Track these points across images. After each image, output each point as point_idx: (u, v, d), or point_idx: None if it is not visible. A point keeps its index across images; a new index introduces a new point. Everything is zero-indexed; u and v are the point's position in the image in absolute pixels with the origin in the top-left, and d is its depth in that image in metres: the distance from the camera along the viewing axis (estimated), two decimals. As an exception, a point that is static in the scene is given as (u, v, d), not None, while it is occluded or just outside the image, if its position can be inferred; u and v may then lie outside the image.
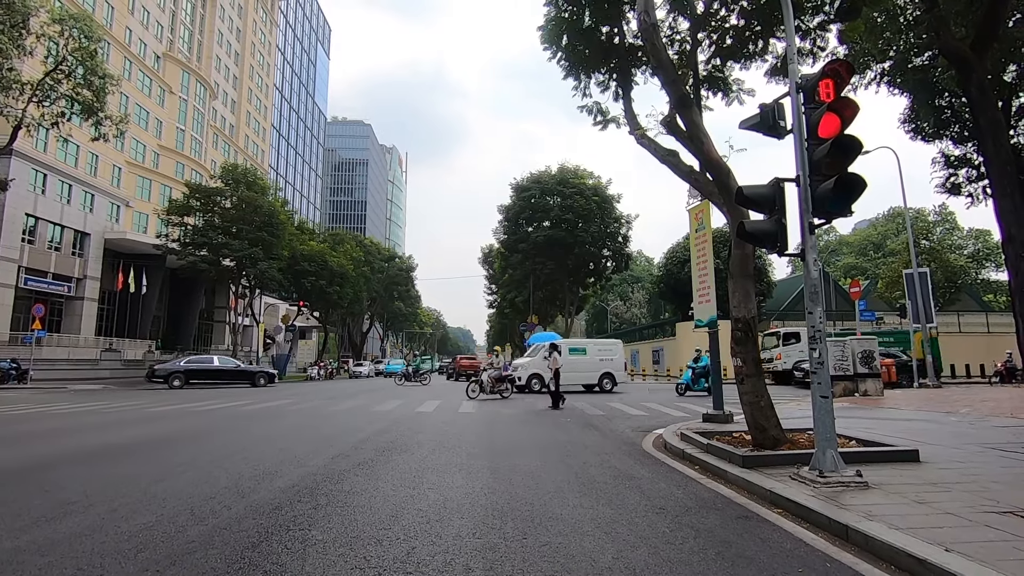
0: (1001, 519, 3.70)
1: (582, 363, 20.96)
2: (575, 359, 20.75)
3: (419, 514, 4.14)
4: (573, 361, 20.42)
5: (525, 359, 21.90)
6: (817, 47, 9.01)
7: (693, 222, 10.50)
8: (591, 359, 21.24)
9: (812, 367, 4.97)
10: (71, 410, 13.51)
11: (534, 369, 20.47)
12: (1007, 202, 11.49)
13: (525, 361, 21.46)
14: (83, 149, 35.96)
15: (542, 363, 19.41)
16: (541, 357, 19.86)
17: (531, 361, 21.06)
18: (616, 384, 21.45)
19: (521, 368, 20.76)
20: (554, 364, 14.37)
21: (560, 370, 16.42)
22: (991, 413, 10.54)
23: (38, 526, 3.83)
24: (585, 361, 21.11)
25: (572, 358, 20.43)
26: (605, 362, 21.48)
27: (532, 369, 20.55)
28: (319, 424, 10.23)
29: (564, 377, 19.65)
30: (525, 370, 20.56)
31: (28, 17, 20.14)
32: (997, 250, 51.09)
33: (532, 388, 20.16)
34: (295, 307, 46.39)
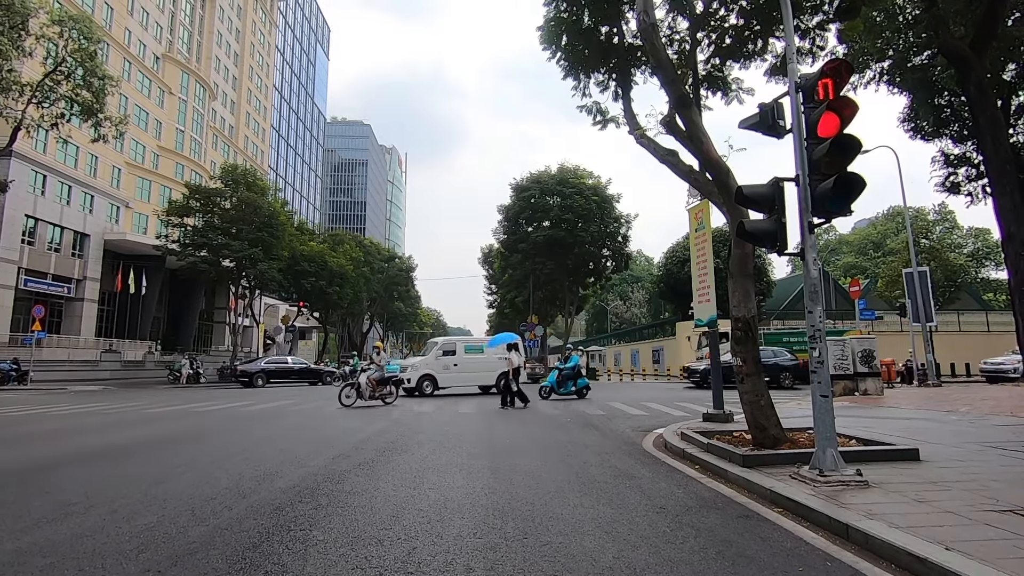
0: (1001, 517, 3.70)
1: (479, 363, 19.08)
2: (471, 358, 19.13)
3: (420, 514, 4.15)
4: (469, 360, 19.00)
5: (417, 359, 19.87)
6: (816, 46, 9.01)
7: (693, 222, 10.50)
8: (488, 358, 19.18)
9: (812, 366, 4.97)
10: (71, 411, 13.51)
11: (426, 370, 18.32)
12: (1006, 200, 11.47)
13: (416, 361, 19.30)
14: (83, 150, 35.95)
15: (435, 363, 18.45)
16: (434, 357, 18.64)
17: (423, 361, 18.88)
18: None
19: (411, 369, 18.44)
20: (510, 364, 14.26)
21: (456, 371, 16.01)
22: (991, 412, 10.54)
23: (39, 527, 3.83)
24: (482, 361, 19.17)
25: (467, 357, 19.07)
26: (503, 361, 19.81)
27: (424, 370, 18.32)
28: (319, 424, 10.24)
29: (458, 378, 18.88)
30: (415, 371, 18.26)
31: (27, 18, 20.16)
32: (997, 249, 51.14)
33: (424, 391, 18.01)
34: (295, 308, 46.43)
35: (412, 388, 17.95)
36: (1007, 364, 21.28)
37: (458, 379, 18.97)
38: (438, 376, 18.39)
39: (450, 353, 19.06)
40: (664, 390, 21.98)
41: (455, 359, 18.95)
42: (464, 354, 19.17)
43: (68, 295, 35.24)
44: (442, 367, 18.62)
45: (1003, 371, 21.21)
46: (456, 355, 19.08)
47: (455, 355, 19.06)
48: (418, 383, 18.06)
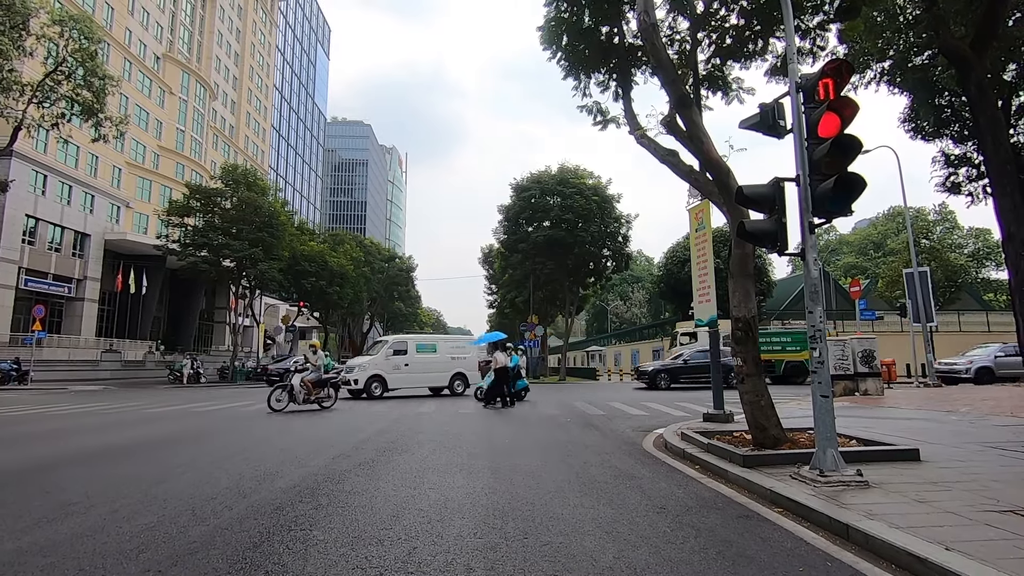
0: (1001, 518, 3.70)
1: (431, 363, 18.28)
2: (423, 358, 18.20)
3: (420, 514, 4.15)
4: (420, 360, 18.07)
5: (364, 358, 18.28)
6: (817, 46, 9.01)
7: (693, 222, 10.50)
8: (441, 357, 18.48)
9: (813, 366, 4.97)
10: (72, 411, 13.51)
11: (374, 370, 17.12)
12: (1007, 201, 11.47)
13: (364, 360, 17.85)
14: (83, 150, 35.98)
15: (385, 363, 17.40)
16: (384, 356, 17.54)
17: (372, 360, 17.55)
18: (468, 386, 18.55)
19: (358, 369, 17.14)
20: (495, 363, 14.27)
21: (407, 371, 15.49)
22: (991, 412, 10.54)
23: (39, 527, 3.84)
24: (434, 361, 18.36)
25: (419, 356, 18.11)
26: (457, 361, 18.80)
27: (372, 370, 17.10)
28: (320, 424, 10.24)
29: (409, 379, 17.91)
30: (363, 371, 16.99)
31: (28, 18, 20.17)
32: (997, 249, 51.11)
33: (372, 393, 16.86)
34: (295, 307, 46.39)
35: (359, 390, 16.87)
36: (959, 364, 21.08)
37: (409, 380, 17.91)
38: (388, 377, 17.32)
39: (401, 352, 17.90)
40: (664, 390, 21.96)
41: (406, 359, 17.88)
42: (416, 353, 18.09)
43: (68, 295, 35.26)
44: (392, 367, 17.54)
45: (956, 371, 20.85)
46: (407, 354, 17.97)
47: (406, 354, 17.94)
48: (366, 384, 16.90)
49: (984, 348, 22.79)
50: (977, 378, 20.33)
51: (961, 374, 20.69)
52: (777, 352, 26.07)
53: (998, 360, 20.85)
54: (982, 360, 20.98)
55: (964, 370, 20.70)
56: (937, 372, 20.46)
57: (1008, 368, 20.60)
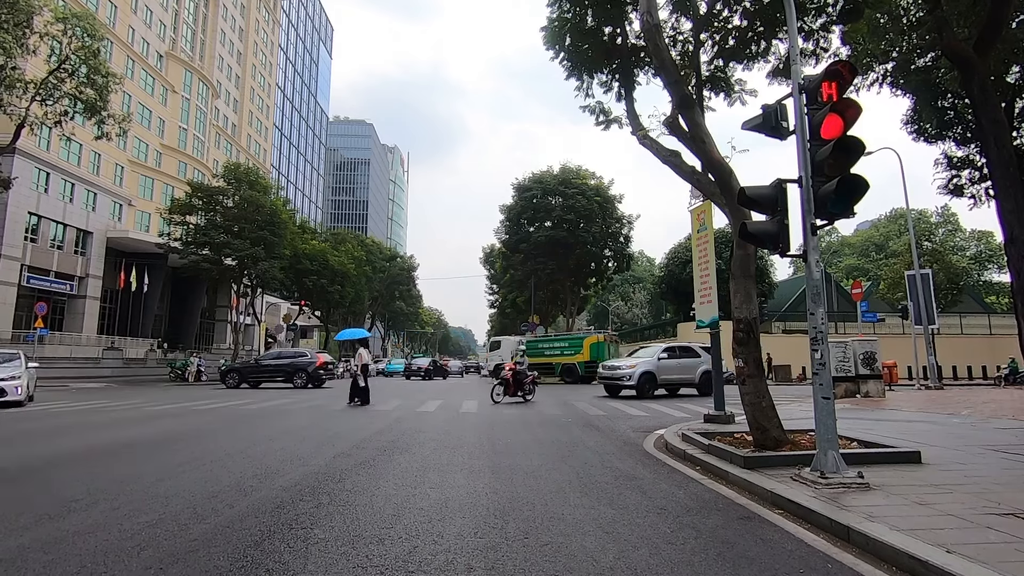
0: (1003, 521, 3.70)
1: None
2: None
3: (421, 513, 4.15)
4: None
5: None
6: (820, 48, 9.00)
7: (695, 223, 10.49)
8: None
9: (814, 368, 4.97)
10: (73, 408, 13.54)
11: None
12: (1009, 203, 11.47)
13: None
14: (86, 148, 36.03)
15: None
16: None
17: None
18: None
19: None
20: (360, 359, 14.72)
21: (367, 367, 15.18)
22: (992, 415, 10.52)
23: (41, 524, 3.84)
24: None
25: None
26: None
27: None
28: (320, 423, 10.25)
29: None
30: None
31: (32, 16, 20.20)
32: (999, 251, 51.01)
33: None
34: (296, 306, 46.46)
35: None
36: (623, 368, 17.01)
37: None
38: None
39: None
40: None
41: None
42: None
43: (70, 292, 35.31)
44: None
45: (617, 378, 17.00)
46: None
47: None
48: None
49: (649, 348, 19.02)
50: (640, 387, 16.45)
51: (623, 381, 16.79)
52: (556, 356, 29.35)
53: (661, 363, 17.07)
54: (646, 364, 16.96)
55: (626, 376, 16.69)
56: (600, 378, 17.85)
57: (669, 373, 17.22)
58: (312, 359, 23.84)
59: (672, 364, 17.27)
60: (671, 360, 17.35)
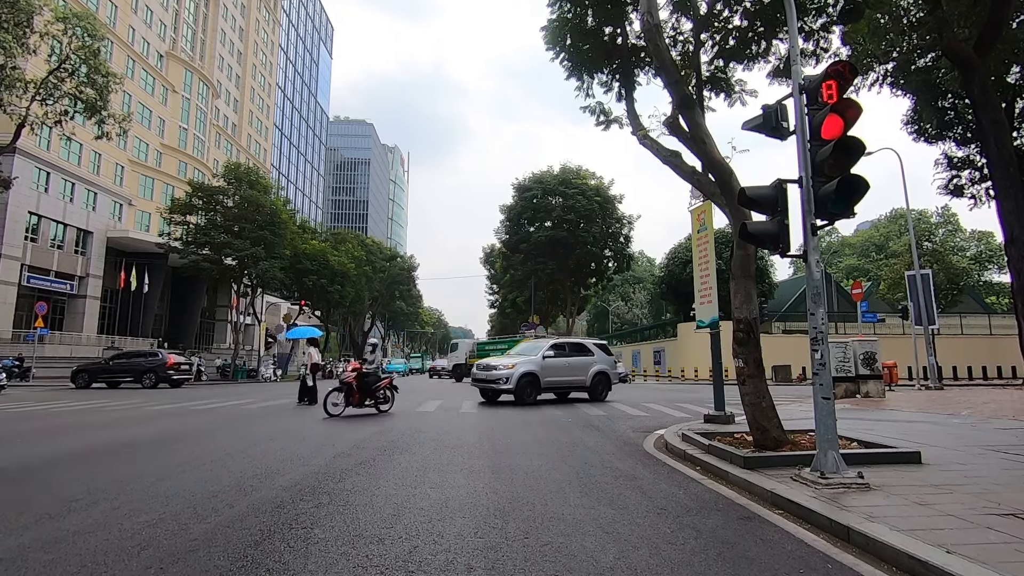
0: (1003, 521, 3.70)
1: None
2: None
3: (421, 513, 4.15)
4: None
5: None
6: (820, 48, 8.99)
7: (695, 223, 10.50)
8: None
9: (814, 368, 4.97)
10: (73, 408, 13.54)
11: None
12: (1010, 203, 11.47)
13: None
14: (86, 147, 36.05)
15: None
16: None
17: None
18: None
19: None
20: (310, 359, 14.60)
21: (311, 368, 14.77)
22: (993, 415, 10.52)
23: (41, 523, 3.84)
24: None
25: None
26: None
27: None
28: (321, 423, 10.25)
29: None
30: None
31: (32, 15, 20.21)
32: (1000, 252, 51.02)
33: None
34: (296, 306, 46.43)
35: None
36: (499, 369, 14.33)
37: None
38: None
39: None
40: (665, 391, 21.98)
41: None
42: None
43: (71, 292, 35.34)
44: None
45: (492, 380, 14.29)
46: None
47: None
48: None
49: (536, 344, 16.43)
50: (519, 391, 13.89)
51: (499, 384, 14.03)
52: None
53: (546, 363, 14.55)
54: (527, 364, 14.37)
55: (502, 378, 13.99)
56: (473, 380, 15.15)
57: (556, 375, 14.74)
58: (163, 359, 23.84)
59: (560, 364, 14.91)
60: (559, 359, 14.95)
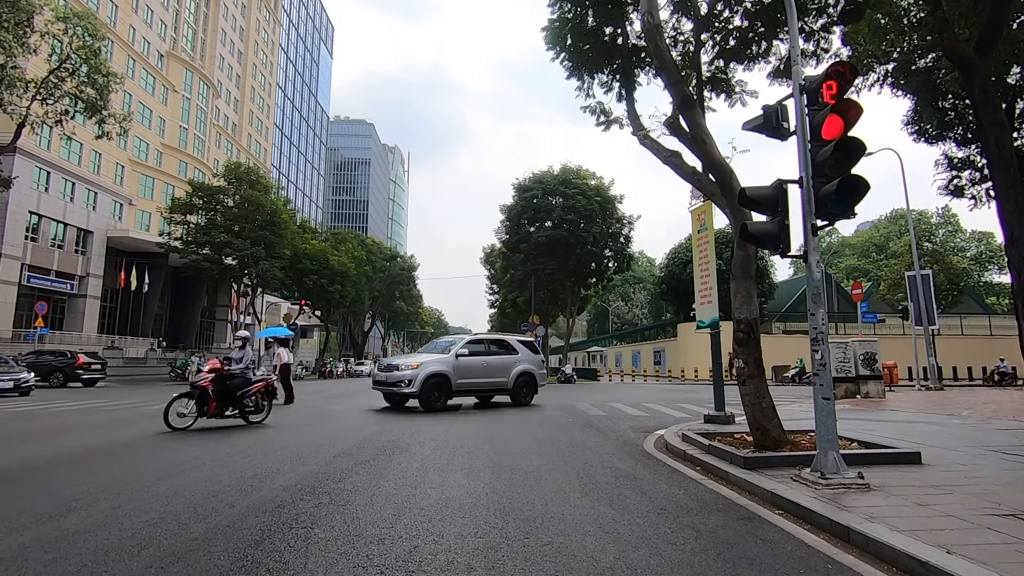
0: (1003, 521, 3.70)
1: None
2: None
3: (421, 513, 4.15)
4: None
5: None
6: (820, 49, 9.00)
7: (695, 223, 10.50)
8: None
9: (814, 368, 4.97)
10: (73, 408, 13.54)
11: None
12: (1010, 204, 11.46)
13: None
14: (86, 147, 36.04)
15: None
16: None
17: None
18: None
19: None
20: (279, 359, 14.52)
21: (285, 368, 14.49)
22: (993, 416, 10.52)
23: (41, 523, 3.85)
24: None
25: None
26: None
27: None
28: (321, 423, 10.24)
29: None
30: None
31: (32, 15, 20.21)
32: (1000, 252, 51.02)
33: None
34: (297, 306, 46.46)
35: None
36: (401, 369, 12.28)
37: None
38: None
39: None
40: (665, 391, 21.98)
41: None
42: None
43: (71, 292, 35.34)
44: None
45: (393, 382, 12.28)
46: None
47: None
48: None
49: (451, 340, 14.29)
50: (425, 395, 11.96)
51: (400, 386, 12.05)
52: None
53: (460, 363, 12.68)
54: (436, 364, 12.42)
55: (404, 380, 12.01)
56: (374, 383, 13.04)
57: (472, 376, 12.87)
58: (71, 359, 23.60)
59: (476, 363, 13.01)
60: (476, 358, 13.08)
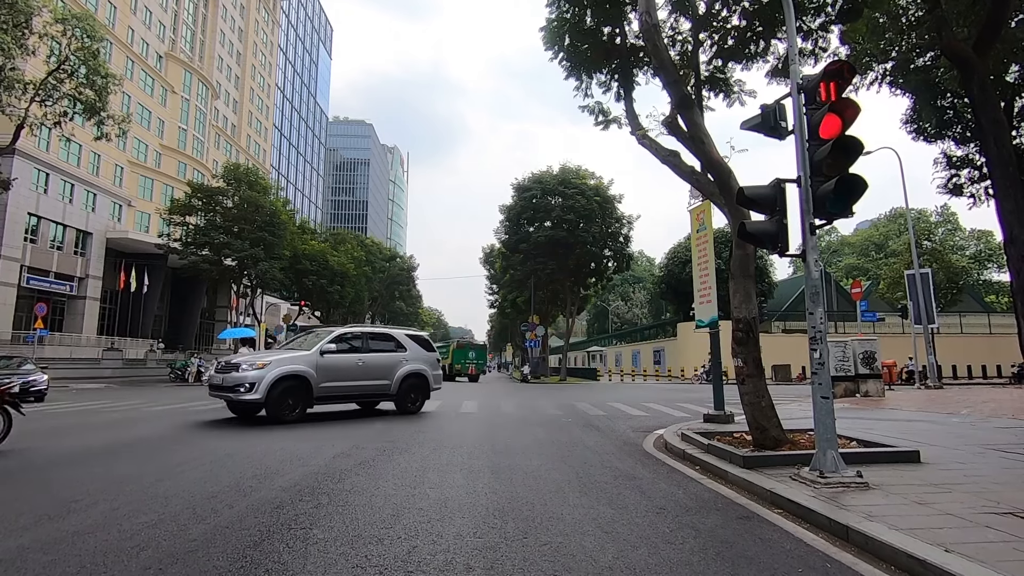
0: (1002, 520, 3.70)
1: None
2: None
3: (420, 513, 4.16)
4: None
5: None
6: (819, 48, 9.01)
7: (694, 222, 10.50)
8: None
9: (813, 367, 4.97)
10: (73, 409, 13.54)
11: None
12: (1009, 203, 11.46)
13: None
14: (85, 148, 36.02)
15: None
16: None
17: None
18: None
19: None
20: None
21: None
22: (992, 414, 10.53)
23: (41, 524, 3.84)
24: None
25: None
26: None
27: None
28: (320, 423, 10.24)
29: None
30: None
31: (31, 17, 20.18)
32: (999, 251, 51.04)
33: None
34: (296, 307, 46.45)
35: None
36: (243, 370, 9.73)
37: None
38: None
39: None
40: (665, 391, 21.98)
41: None
42: None
43: (70, 293, 35.32)
44: None
45: (230, 387, 9.77)
46: None
47: None
48: None
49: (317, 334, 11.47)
50: (273, 401, 9.61)
51: (240, 392, 9.53)
52: None
53: (324, 362, 10.21)
54: (290, 365, 9.93)
55: (244, 384, 9.53)
56: (210, 389, 10.45)
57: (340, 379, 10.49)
58: None
59: (348, 363, 10.67)
60: (348, 355, 10.74)
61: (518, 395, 19.81)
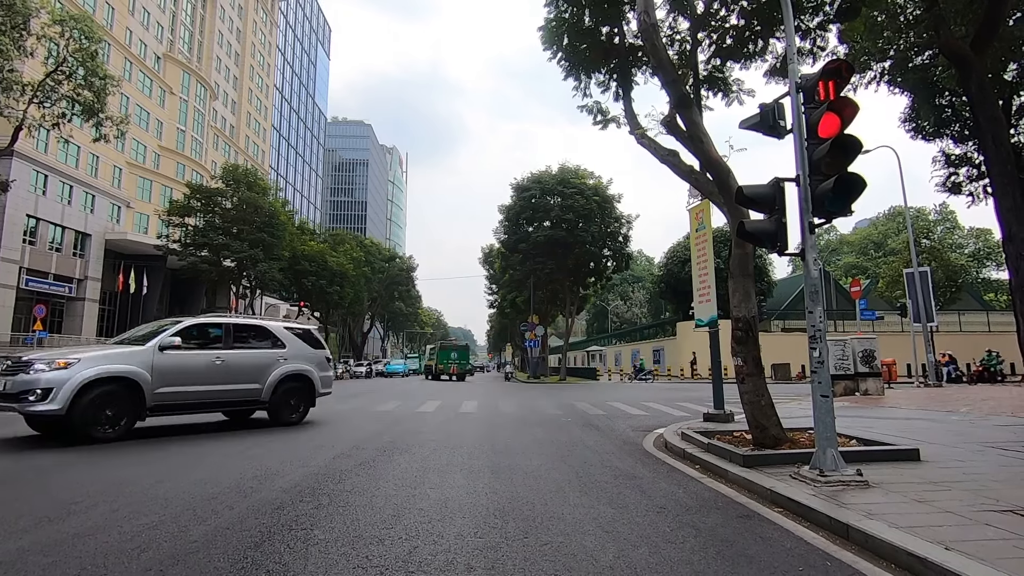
0: (1001, 518, 3.71)
1: None
2: None
3: (420, 513, 4.16)
4: None
5: None
6: (817, 47, 9.02)
7: (693, 222, 10.51)
8: None
9: (812, 366, 4.97)
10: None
11: None
12: (1007, 201, 11.47)
13: None
14: (84, 150, 36.00)
15: None
16: None
17: None
18: None
19: None
20: None
21: None
22: (991, 412, 10.54)
23: (40, 527, 3.84)
24: None
25: None
26: None
27: None
28: (320, 423, 10.23)
29: None
30: None
31: (29, 18, 20.15)
32: (998, 249, 51.09)
33: None
34: (295, 307, 46.44)
35: None
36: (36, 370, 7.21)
37: None
38: None
39: None
40: (664, 390, 22.00)
41: None
42: None
43: (69, 295, 35.29)
44: None
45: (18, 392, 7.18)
46: None
47: None
48: None
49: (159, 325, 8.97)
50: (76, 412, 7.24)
51: (29, 399, 7.12)
52: None
53: (164, 360, 8.00)
54: (108, 364, 7.58)
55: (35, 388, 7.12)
56: None
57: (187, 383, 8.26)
58: None
59: (201, 362, 8.53)
60: (201, 352, 8.65)
61: (517, 395, 19.81)
